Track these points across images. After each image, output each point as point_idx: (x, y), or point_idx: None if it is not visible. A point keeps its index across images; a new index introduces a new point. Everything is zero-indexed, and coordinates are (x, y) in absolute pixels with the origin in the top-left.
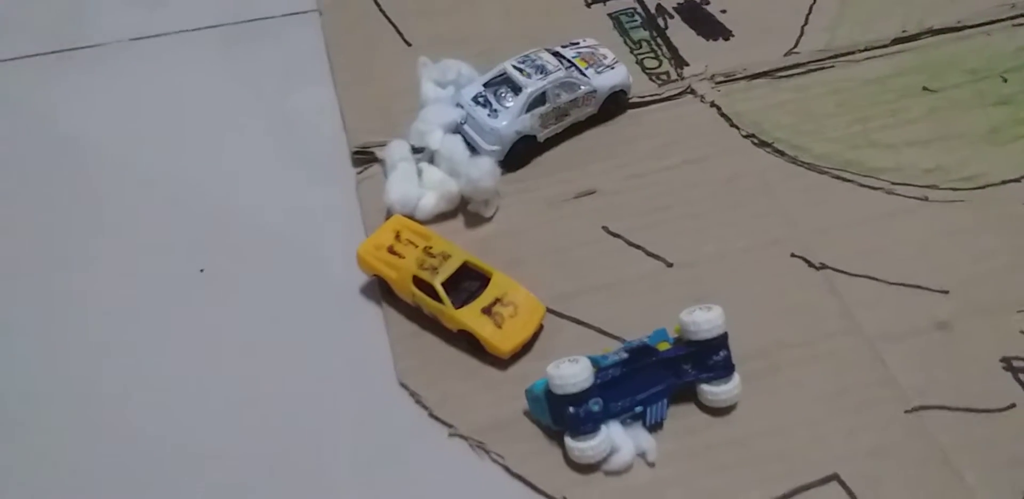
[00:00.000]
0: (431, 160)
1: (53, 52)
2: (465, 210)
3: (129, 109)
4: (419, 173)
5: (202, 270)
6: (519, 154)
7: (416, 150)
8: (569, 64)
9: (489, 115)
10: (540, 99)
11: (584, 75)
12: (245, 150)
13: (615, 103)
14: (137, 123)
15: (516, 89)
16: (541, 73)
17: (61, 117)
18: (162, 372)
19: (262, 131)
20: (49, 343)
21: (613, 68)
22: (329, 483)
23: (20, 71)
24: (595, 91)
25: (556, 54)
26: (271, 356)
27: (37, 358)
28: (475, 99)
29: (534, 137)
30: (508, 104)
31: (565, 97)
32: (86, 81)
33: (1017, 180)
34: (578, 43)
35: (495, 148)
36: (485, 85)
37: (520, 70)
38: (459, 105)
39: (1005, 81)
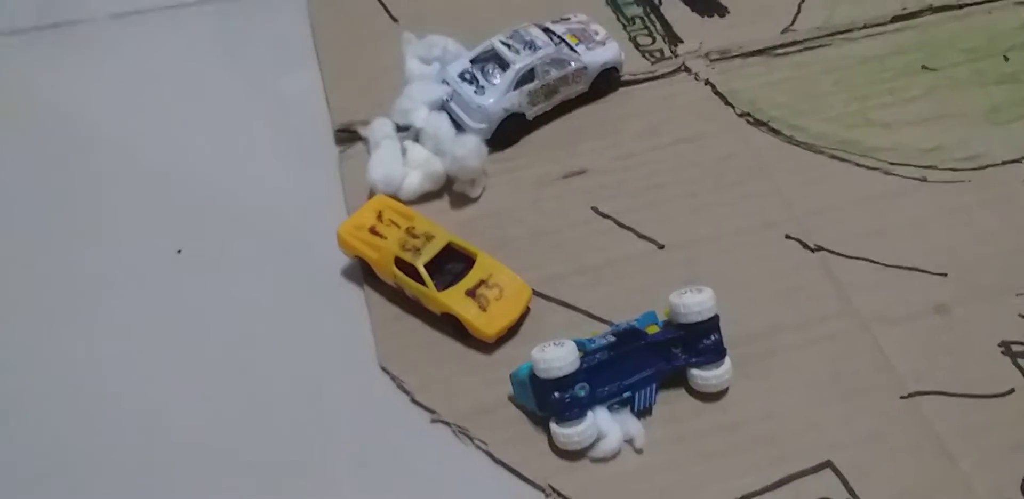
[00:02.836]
0: (416, 138)
1: (34, 28)
2: (450, 190)
3: (110, 86)
4: (403, 152)
5: (180, 251)
6: (507, 132)
7: (400, 128)
8: (559, 40)
9: (476, 92)
10: (529, 76)
11: (574, 51)
12: (227, 128)
13: (606, 81)
14: (118, 100)
15: (504, 65)
16: (530, 49)
17: (40, 93)
18: (139, 354)
19: (245, 108)
20: (23, 323)
21: (604, 44)
22: (308, 469)
23: (6, 45)
24: (586, 68)
25: (546, 30)
26: (249, 339)
27: (11, 339)
28: (461, 75)
29: (523, 115)
30: (495, 81)
31: (555, 74)
32: (67, 58)
33: (1018, 161)
34: (568, 19)
35: (482, 126)
36: (472, 61)
37: (508, 46)
38: (445, 82)
39: (1006, 60)
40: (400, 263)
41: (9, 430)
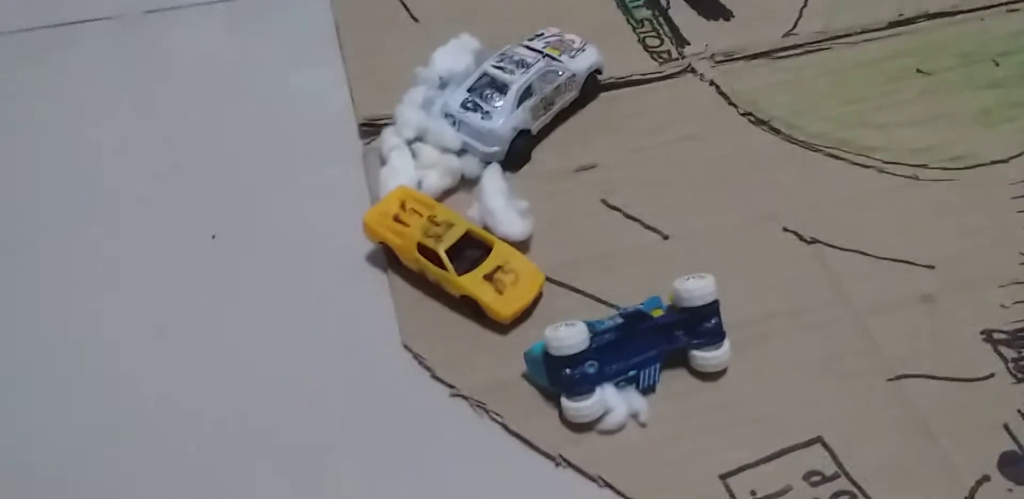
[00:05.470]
0: (422, 139)
1: (64, 24)
2: (469, 184)
3: (139, 81)
4: (414, 155)
5: (214, 236)
6: (519, 150)
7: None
8: (542, 54)
9: (482, 118)
10: (527, 93)
11: (559, 62)
12: (256, 121)
13: (592, 84)
14: (148, 94)
15: (502, 88)
16: (523, 67)
17: (70, 88)
18: (172, 334)
19: (273, 103)
20: (59, 307)
21: (584, 50)
22: (335, 437)
23: (30, 42)
24: (574, 75)
25: (528, 48)
26: (279, 319)
27: (46, 323)
28: (463, 106)
29: (528, 130)
30: (498, 104)
31: (549, 86)
32: (97, 53)
33: (1005, 161)
34: (543, 34)
35: (495, 149)
36: (469, 90)
37: (502, 69)
38: (448, 115)
39: (997, 65)
40: (422, 249)
41: (46, 408)
